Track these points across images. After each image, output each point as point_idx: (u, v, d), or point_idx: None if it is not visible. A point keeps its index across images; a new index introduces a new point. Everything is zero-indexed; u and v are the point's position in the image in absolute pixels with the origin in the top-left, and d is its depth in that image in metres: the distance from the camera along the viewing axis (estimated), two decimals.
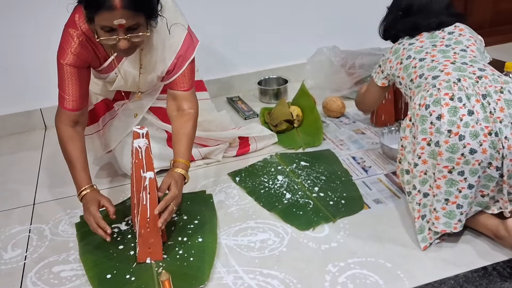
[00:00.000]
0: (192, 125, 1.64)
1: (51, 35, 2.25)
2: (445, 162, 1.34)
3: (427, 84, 1.43)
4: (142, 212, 1.37)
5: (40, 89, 2.37)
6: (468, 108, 1.32)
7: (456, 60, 1.46)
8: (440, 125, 1.34)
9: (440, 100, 1.35)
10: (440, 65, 1.45)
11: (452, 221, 1.38)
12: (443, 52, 1.50)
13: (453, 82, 1.37)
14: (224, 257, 1.46)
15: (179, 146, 1.59)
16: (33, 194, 1.87)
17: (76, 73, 1.54)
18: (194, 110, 1.66)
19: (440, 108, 1.35)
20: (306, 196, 1.70)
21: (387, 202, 1.66)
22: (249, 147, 2.03)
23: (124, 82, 1.68)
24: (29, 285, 1.41)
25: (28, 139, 2.35)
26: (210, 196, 1.75)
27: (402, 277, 1.34)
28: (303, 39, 2.61)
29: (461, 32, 1.57)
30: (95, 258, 1.47)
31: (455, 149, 1.31)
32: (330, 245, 1.48)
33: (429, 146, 1.38)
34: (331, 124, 2.24)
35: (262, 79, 2.60)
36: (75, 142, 1.58)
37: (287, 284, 1.34)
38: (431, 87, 1.40)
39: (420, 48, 1.55)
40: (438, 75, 1.42)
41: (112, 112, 1.88)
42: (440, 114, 1.34)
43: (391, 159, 1.90)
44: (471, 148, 1.30)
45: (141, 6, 1.38)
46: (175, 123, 1.64)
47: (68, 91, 1.55)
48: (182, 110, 1.65)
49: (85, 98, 1.61)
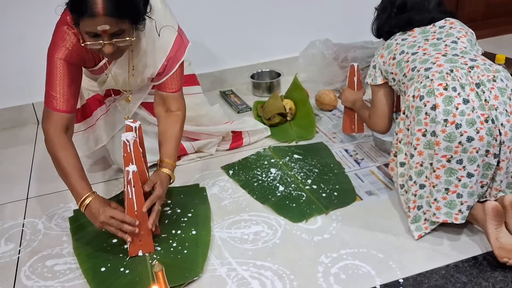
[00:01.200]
0: (179, 127, 1.63)
1: (43, 29, 2.25)
2: (443, 151, 1.35)
3: (419, 76, 1.44)
4: (129, 206, 1.38)
5: (32, 83, 2.35)
6: (463, 97, 1.34)
7: (447, 52, 1.47)
8: (435, 115, 1.35)
9: (434, 91, 1.36)
10: (432, 57, 1.46)
11: (453, 211, 1.39)
12: (435, 46, 1.51)
13: (446, 72, 1.39)
14: (217, 250, 1.46)
15: (166, 147, 1.58)
16: (26, 189, 1.87)
17: (69, 69, 1.48)
18: (182, 112, 1.66)
19: (434, 98, 1.36)
20: (299, 189, 1.71)
21: (379, 194, 1.67)
22: (242, 141, 2.03)
23: (114, 83, 1.67)
24: (23, 279, 1.41)
25: (21, 133, 2.34)
26: (204, 189, 1.75)
27: (394, 268, 1.35)
28: (295, 32, 2.61)
29: (451, 25, 1.58)
30: (89, 251, 1.47)
31: (452, 138, 1.33)
32: (323, 236, 1.49)
33: (424, 136, 1.39)
34: (324, 117, 2.25)
35: (255, 73, 2.60)
36: (69, 150, 1.47)
37: (280, 275, 1.35)
38: (424, 78, 1.41)
39: (413, 43, 1.56)
40: (430, 67, 1.43)
41: (103, 108, 1.88)
42: (435, 104, 1.35)
43: (383, 152, 1.91)
44: (468, 135, 1.32)
45: (125, 13, 1.34)
46: (162, 124, 1.63)
47: (59, 90, 1.47)
48: (170, 111, 1.64)
49: (75, 100, 1.52)
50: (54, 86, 1.47)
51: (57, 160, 1.46)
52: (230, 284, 1.34)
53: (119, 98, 1.81)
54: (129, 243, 1.42)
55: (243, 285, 1.33)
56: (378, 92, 1.68)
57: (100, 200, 1.43)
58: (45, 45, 1.64)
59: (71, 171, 1.44)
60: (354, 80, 1.92)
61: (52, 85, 1.48)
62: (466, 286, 1.28)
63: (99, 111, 1.86)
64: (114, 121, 1.84)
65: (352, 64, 1.93)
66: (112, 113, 1.85)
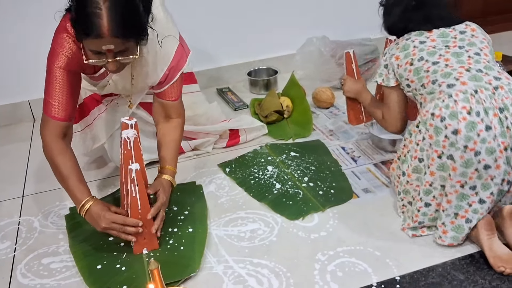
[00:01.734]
0: (179, 132, 1.64)
1: (40, 26, 2.24)
2: (458, 177, 1.31)
3: (441, 93, 1.35)
4: (132, 204, 1.37)
5: (28, 80, 2.35)
6: (486, 123, 1.28)
7: (470, 66, 1.38)
8: (456, 140, 1.29)
9: (457, 114, 1.29)
10: (455, 71, 1.37)
11: (460, 235, 1.37)
12: (457, 56, 1.42)
13: (470, 94, 1.30)
14: (214, 247, 1.46)
15: (166, 153, 1.58)
16: (22, 186, 1.86)
17: (69, 78, 1.46)
18: (181, 118, 1.66)
19: (457, 122, 1.28)
20: (295, 186, 1.70)
21: (376, 191, 1.67)
22: (239, 139, 2.03)
23: (114, 89, 1.67)
24: (19, 276, 1.41)
25: (16, 131, 2.33)
26: (200, 187, 1.75)
27: (390, 265, 1.35)
28: (292, 29, 2.61)
29: (473, 32, 1.49)
30: (85, 249, 1.46)
31: (469, 164, 1.28)
32: (320, 234, 1.49)
33: (439, 158, 1.33)
34: (321, 114, 2.24)
35: (252, 70, 2.60)
36: (67, 155, 1.47)
37: (277, 273, 1.35)
38: (447, 96, 1.33)
39: (432, 49, 1.46)
40: (454, 84, 1.35)
41: (101, 107, 1.86)
42: (457, 129, 1.28)
43: (380, 149, 1.91)
44: (485, 164, 1.28)
45: (131, 33, 1.32)
46: (162, 129, 1.63)
47: (58, 98, 1.45)
48: (169, 117, 1.64)
49: (74, 108, 1.52)
50: (52, 94, 1.46)
51: (55, 166, 1.46)
52: (226, 281, 1.34)
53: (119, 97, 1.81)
54: (134, 242, 1.42)
55: (240, 282, 1.33)
56: (391, 94, 1.59)
57: (99, 205, 1.42)
58: (41, 42, 1.63)
59: (69, 176, 1.44)
60: (353, 67, 1.88)
61: (51, 93, 1.46)
62: (462, 284, 1.28)
63: (96, 110, 1.85)
64: (112, 119, 1.84)
65: (347, 51, 1.87)
66: (110, 112, 1.84)
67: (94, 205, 1.41)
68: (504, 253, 1.31)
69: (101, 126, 1.84)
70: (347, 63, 1.88)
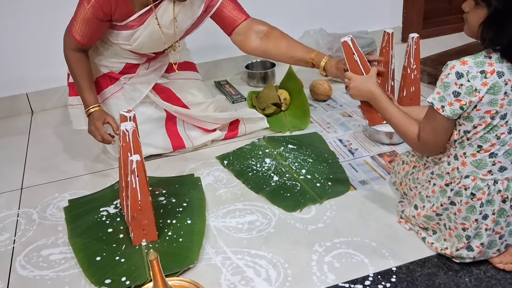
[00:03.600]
0: (286, 36, 1.77)
1: (37, 18, 2.24)
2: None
3: (489, 174, 1.22)
4: (133, 195, 1.38)
5: (26, 73, 2.35)
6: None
7: None
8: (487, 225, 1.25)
9: (494, 203, 1.23)
10: None
11: None
12: None
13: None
14: (212, 239, 1.47)
15: (298, 49, 1.72)
16: (20, 179, 1.86)
17: (95, 23, 1.63)
18: (268, 25, 1.80)
19: (492, 211, 1.24)
20: (293, 178, 1.71)
21: (373, 183, 1.68)
22: (237, 131, 2.03)
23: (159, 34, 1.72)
24: (18, 268, 1.42)
25: (14, 123, 2.33)
26: (198, 179, 1.76)
27: (387, 256, 1.37)
28: (290, 21, 2.59)
29: None
30: (84, 241, 1.47)
31: (492, 245, 1.28)
32: (317, 225, 1.50)
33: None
34: (318, 107, 2.25)
35: (249, 63, 2.60)
36: (81, 65, 1.72)
37: (275, 264, 1.37)
38: (492, 183, 1.22)
39: None
40: (506, 168, 1.21)
41: (117, 85, 1.87)
42: (491, 218, 1.25)
43: (377, 142, 1.92)
44: (507, 243, 1.28)
45: None
46: (271, 43, 1.77)
47: (80, 28, 1.64)
48: (261, 32, 1.78)
49: (94, 41, 1.73)
50: (78, 22, 1.64)
51: (72, 73, 1.75)
52: (225, 272, 1.35)
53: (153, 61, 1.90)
54: (132, 232, 1.43)
55: (238, 273, 1.34)
56: (443, 124, 1.22)
57: (99, 113, 1.70)
58: (39, 35, 1.64)
59: (81, 83, 1.72)
60: (355, 59, 1.45)
61: (76, 20, 1.64)
62: (458, 274, 1.30)
63: (110, 90, 1.87)
64: (123, 104, 1.85)
65: (343, 40, 1.44)
66: (125, 93, 1.87)
67: (96, 112, 1.70)
68: None
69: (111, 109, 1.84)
70: (347, 56, 1.46)
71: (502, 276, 1.28)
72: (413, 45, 1.91)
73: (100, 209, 1.60)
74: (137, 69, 1.88)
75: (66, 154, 2.00)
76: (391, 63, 2.15)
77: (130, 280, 1.31)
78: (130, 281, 1.31)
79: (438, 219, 1.35)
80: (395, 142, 1.88)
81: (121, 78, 1.87)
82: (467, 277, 1.28)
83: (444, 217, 1.33)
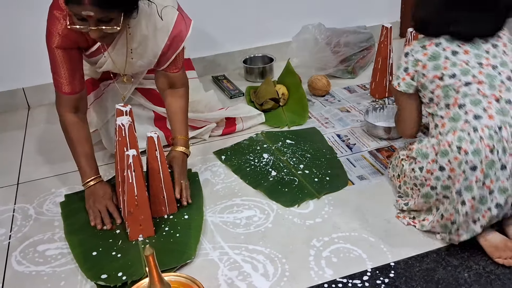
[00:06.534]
0: (185, 101, 1.71)
1: (33, 13, 2.22)
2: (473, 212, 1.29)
3: (467, 124, 1.27)
4: (129, 191, 1.37)
5: (23, 68, 2.33)
6: (502, 163, 1.25)
7: (501, 95, 1.28)
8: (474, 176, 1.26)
9: (481, 152, 1.25)
10: (485, 100, 1.28)
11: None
12: (490, 79, 1.29)
13: (494, 131, 1.25)
14: (210, 234, 1.47)
15: (176, 123, 1.68)
16: (17, 174, 1.85)
17: (67, 55, 1.51)
18: (186, 88, 1.72)
19: (479, 160, 1.25)
20: (291, 174, 1.71)
21: (371, 178, 1.68)
22: (235, 127, 2.02)
23: (112, 65, 1.67)
24: (14, 264, 1.41)
25: (11, 119, 2.32)
26: (196, 174, 1.75)
27: (385, 251, 1.36)
28: (288, 17, 2.60)
29: (504, 48, 1.34)
30: (81, 236, 1.47)
31: (483, 201, 1.27)
32: (315, 220, 1.49)
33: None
34: (316, 102, 2.24)
35: (247, 58, 2.58)
36: (78, 129, 1.57)
37: (272, 259, 1.36)
38: (472, 130, 1.26)
39: (466, 65, 1.30)
40: (481, 116, 1.27)
41: (98, 92, 1.86)
42: (478, 167, 1.25)
43: (375, 137, 1.91)
44: (497, 202, 1.27)
45: (112, 4, 1.33)
46: (168, 100, 1.70)
47: (62, 74, 1.52)
48: (174, 87, 1.70)
49: (80, 81, 1.58)
50: (57, 71, 1.53)
51: (67, 138, 1.59)
52: (222, 268, 1.34)
53: (118, 79, 1.81)
54: (129, 227, 1.42)
55: (235, 268, 1.34)
56: (407, 101, 1.44)
57: (104, 188, 1.55)
58: (35, 29, 1.61)
59: (77, 150, 1.56)
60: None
61: (56, 71, 1.53)
62: (457, 269, 1.29)
63: (92, 96, 1.85)
64: (107, 106, 1.83)
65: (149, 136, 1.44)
66: (106, 97, 1.84)
67: (99, 186, 1.55)
68: (499, 241, 1.32)
69: (96, 112, 1.83)
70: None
71: (501, 272, 1.27)
72: (411, 39, 1.90)
73: None
74: (116, 75, 1.83)
75: (62, 150, 1.96)
76: (389, 58, 2.15)
77: (126, 276, 1.31)
78: (126, 277, 1.30)
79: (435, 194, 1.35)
80: (393, 137, 1.88)
81: (100, 84, 1.85)
82: (466, 273, 1.28)
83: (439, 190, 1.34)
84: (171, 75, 1.67)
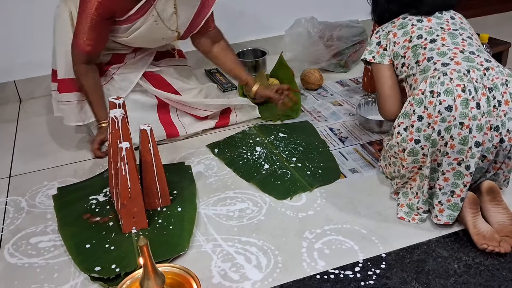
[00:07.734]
0: (233, 51, 2.03)
1: (26, 5, 2.20)
2: (456, 154, 1.32)
3: (436, 71, 1.36)
4: (122, 183, 1.37)
5: (14, 61, 2.32)
6: (476, 101, 1.30)
7: (464, 48, 1.40)
8: (449, 116, 1.30)
9: (453, 91, 1.30)
10: (450, 52, 1.39)
11: (455, 213, 1.38)
12: (452, 37, 1.44)
13: (463, 73, 1.33)
14: (203, 226, 1.47)
15: (240, 71, 2.03)
16: (8, 167, 1.84)
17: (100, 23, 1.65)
18: (225, 40, 2.01)
19: (452, 99, 1.30)
20: (284, 167, 1.72)
21: (363, 171, 1.69)
22: (228, 120, 2.03)
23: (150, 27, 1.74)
24: (7, 256, 1.41)
25: (2, 111, 2.30)
26: (189, 167, 1.75)
27: (376, 243, 1.38)
28: (281, 10, 2.60)
29: (461, 20, 1.52)
30: (74, 229, 1.47)
31: (465, 142, 1.30)
32: (307, 213, 1.51)
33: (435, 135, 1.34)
34: (309, 96, 2.25)
35: (240, 51, 2.58)
36: (89, 78, 1.75)
37: (265, 250, 1.37)
38: (442, 74, 1.34)
39: (429, 29, 1.47)
40: (448, 63, 1.37)
41: (106, 76, 1.87)
42: (452, 105, 1.30)
43: (367, 130, 1.93)
44: (476, 140, 1.30)
45: None
46: (220, 56, 1.99)
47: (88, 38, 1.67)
48: (217, 42, 1.98)
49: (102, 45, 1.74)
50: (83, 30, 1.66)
51: (80, 85, 1.77)
52: (215, 259, 1.35)
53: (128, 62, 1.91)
54: (122, 220, 1.42)
55: (228, 260, 1.34)
56: (384, 73, 1.54)
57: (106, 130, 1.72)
58: (27, 22, 1.61)
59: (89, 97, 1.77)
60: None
61: (82, 29, 1.66)
62: (447, 261, 1.31)
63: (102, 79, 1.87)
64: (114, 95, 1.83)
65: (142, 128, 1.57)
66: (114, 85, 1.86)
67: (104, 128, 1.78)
68: (487, 230, 1.34)
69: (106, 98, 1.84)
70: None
71: (490, 263, 1.29)
72: None
73: (89, 197, 1.60)
74: (124, 58, 1.87)
75: (55, 142, 1.98)
76: None
77: (120, 268, 1.31)
78: (120, 269, 1.31)
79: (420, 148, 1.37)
80: (385, 130, 1.89)
81: (109, 69, 1.86)
82: (455, 264, 1.30)
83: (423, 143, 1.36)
84: (211, 33, 1.94)
